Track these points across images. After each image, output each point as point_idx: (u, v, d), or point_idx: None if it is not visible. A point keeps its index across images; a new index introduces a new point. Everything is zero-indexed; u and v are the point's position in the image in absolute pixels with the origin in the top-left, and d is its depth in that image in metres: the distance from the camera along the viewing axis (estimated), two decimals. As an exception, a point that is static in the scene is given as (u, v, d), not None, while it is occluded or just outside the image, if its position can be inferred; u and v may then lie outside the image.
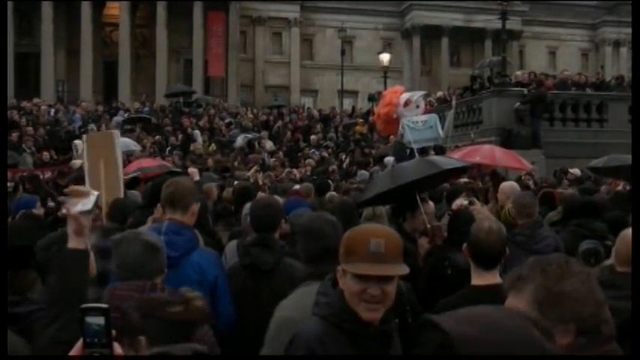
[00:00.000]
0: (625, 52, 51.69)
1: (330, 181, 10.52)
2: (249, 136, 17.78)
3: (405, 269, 2.12)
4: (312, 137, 19.21)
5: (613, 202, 6.90)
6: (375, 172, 12.67)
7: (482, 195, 7.37)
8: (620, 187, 8.85)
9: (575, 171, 11.74)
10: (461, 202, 4.98)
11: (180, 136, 18.96)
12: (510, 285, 1.63)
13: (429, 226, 4.68)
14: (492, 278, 3.22)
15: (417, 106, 11.78)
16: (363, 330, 2.09)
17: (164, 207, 3.56)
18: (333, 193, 7.94)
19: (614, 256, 3.13)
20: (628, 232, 3.04)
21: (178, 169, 11.01)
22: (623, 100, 18.74)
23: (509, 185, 6.14)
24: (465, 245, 3.35)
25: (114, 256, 2.78)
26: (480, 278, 3.23)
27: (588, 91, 19.19)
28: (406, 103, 11.58)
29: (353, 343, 2.07)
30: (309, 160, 15.42)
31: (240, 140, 17.25)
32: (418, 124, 11.41)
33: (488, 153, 9.50)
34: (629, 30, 58.45)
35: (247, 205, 4.97)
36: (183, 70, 41.11)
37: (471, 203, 4.73)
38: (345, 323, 2.08)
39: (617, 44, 51.71)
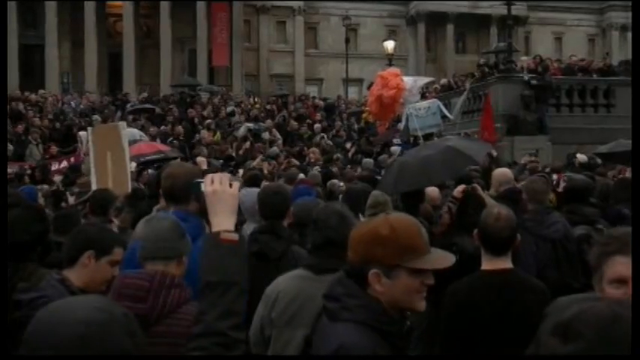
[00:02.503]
0: (629, 36, 51.34)
1: (334, 170, 10.53)
2: (250, 125, 17.74)
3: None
4: (316, 126, 19.14)
5: (617, 188, 6.87)
6: (383, 160, 12.63)
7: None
8: (627, 173, 8.78)
9: (582, 157, 11.69)
10: (463, 187, 4.99)
11: (179, 126, 18.86)
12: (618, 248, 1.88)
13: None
14: (502, 263, 3.22)
15: (419, 93, 11.71)
16: (399, 329, 2.03)
17: (166, 200, 3.57)
18: (335, 180, 7.94)
19: None
20: None
21: (175, 155, 11.03)
22: (630, 84, 18.63)
23: (501, 172, 6.13)
24: (475, 231, 3.35)
25: (145, 232, 2.78)
26: (489, 263, 3.23)
27: (595, 76, 19.04)
28: (409, 90, 11.49)
29: (391, 344, 1.99)
30: (313, 149, 15.41)
31: (242, 130, 17.23)
32: (421, 111, 11.35)
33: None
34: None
35: (242, 192, 4.94)
36: (188, 59, 41.05)
37: (473, 189, 4.72)
38: (384, 326, 1.98)
39: (624, 29, 51.12)
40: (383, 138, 16.02)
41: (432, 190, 5.89)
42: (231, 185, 2.06)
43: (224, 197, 2.03)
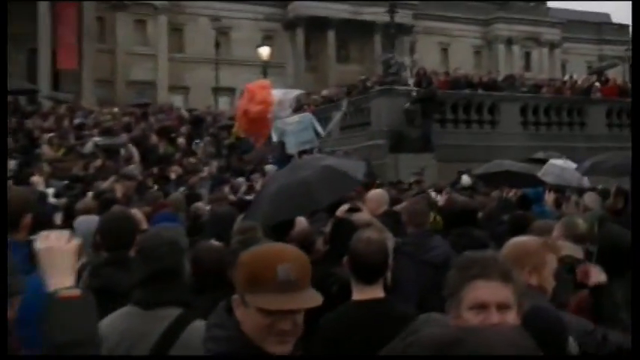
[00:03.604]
0: (517, 49, 55.52)
1: (200, 192, 10.46)
2: (100, 140, 17.15)
3: (318, 297, 2.02)
4: (180, 141, 18.95)
5: (500, 208, 7.42)
6: (255, 180, 12.70)
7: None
8: (511, 194, 9.46)
9: (466, 179, 12.40)
10: (344, 208, 5.13)
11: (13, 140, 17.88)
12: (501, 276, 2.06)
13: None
14: (374, 292, 3.32)
15: (290, 106, 11.87)
16: None
17: None
18: (199, 204, 7.89)
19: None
20: (516, 240, 3.27)
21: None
22: (515, 100, 20.14)
23: (377, 193, 6.40)
24: (345, 258, 3.44)
25: None
26: (361, 293, 3.32)
27: (480, 91, 20.33)
28: (279, 103, 11.62)
29: None
30: (175, 168, 15.19)
31: (90, 145, 16.62)
32: (292, 125, 11.54)
33: None
34: (522, 27, 61.58)
35: (79, 220, 4.78)
36: (27, 61, 39.05)
37: (353, 210, 4.87)
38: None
39: (509, 42, 55.36)
40: (256, 155, 16.10)
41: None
42: (68, 241, 2.15)
43: (60, 254, 2.12)
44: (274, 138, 12.14)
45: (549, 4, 58.98)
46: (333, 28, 47.88)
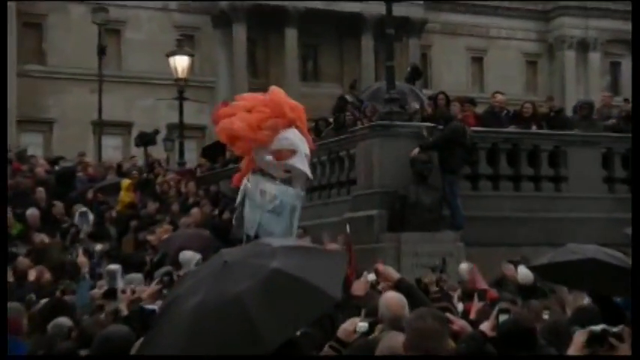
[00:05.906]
0: (597, 59, 55.79)
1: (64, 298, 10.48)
2: None
3: None
4: (30, 213, 18.93)
5: (572, 321, 7.55)
6: (165, 277, 12.69)
7: None
8: (585, 300, 9.60)
9: (525, 273, 12.42)
10: (356, 327, 5.38)
11: None
12: None
13: None
14: None
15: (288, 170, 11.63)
16: None
17: None
18: (64, 319, 7.93)
19: None
20: None
21: None
22: (593, 144, 20.20)
23: (392, 300, 6.53)
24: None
25: None
26: None
27: (534, 128, 20.45)
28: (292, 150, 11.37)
29: None
30: (21, 260, 15.15)
31: None
32: (264, 197, 11.32)
33: None
34: (604, 23, 61.26)
35: None
36: None
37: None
38: None
39: (583, 46, 55.78)
40: (175, 242, 15.73)
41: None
42: None
43: None
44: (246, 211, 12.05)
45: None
46: (294, 24, 48.34)
